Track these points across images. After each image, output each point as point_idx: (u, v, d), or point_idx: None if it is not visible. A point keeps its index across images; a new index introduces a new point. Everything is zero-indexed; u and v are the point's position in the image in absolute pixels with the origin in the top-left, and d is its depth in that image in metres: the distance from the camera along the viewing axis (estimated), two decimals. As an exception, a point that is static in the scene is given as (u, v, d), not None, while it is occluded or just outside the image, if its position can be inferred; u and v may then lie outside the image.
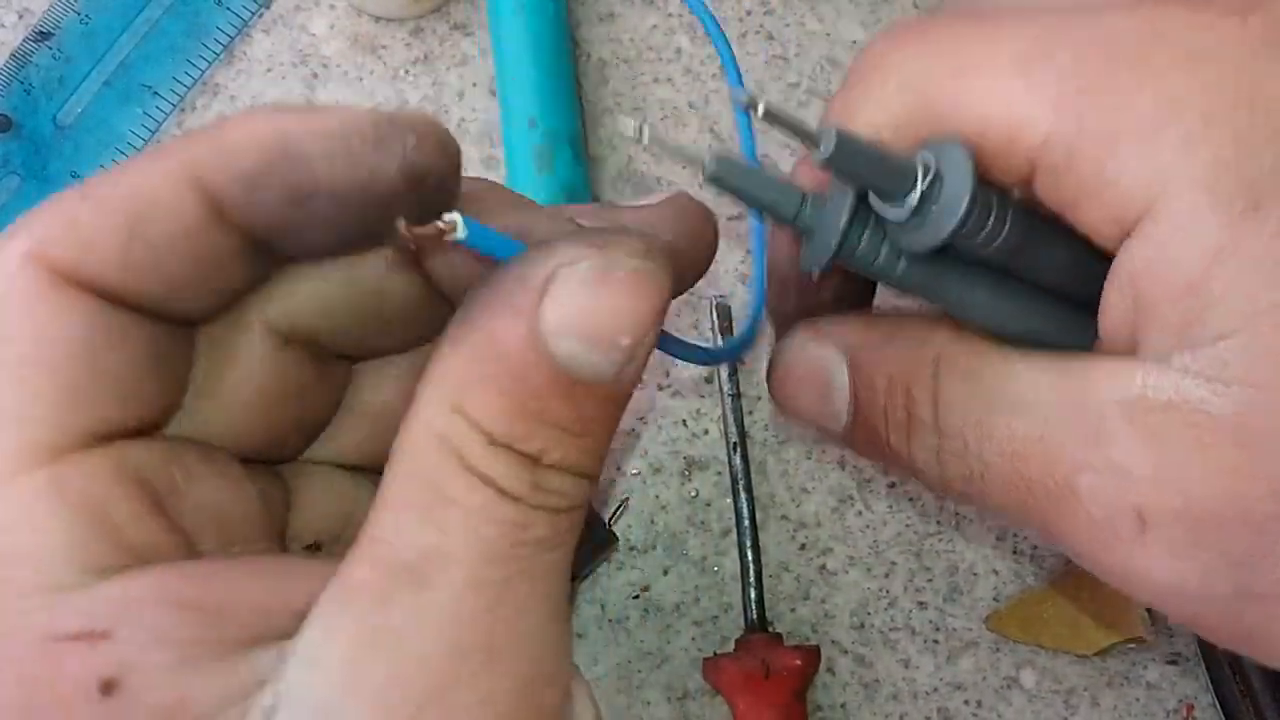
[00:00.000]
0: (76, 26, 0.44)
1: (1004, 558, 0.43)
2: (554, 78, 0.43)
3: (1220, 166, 0.21)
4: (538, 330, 0.19)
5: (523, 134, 0.42)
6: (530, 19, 0.42)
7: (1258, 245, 0.20)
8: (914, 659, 0.43)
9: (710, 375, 0.44)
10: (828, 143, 0.22)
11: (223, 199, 0.20)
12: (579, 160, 0.42)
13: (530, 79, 0.42)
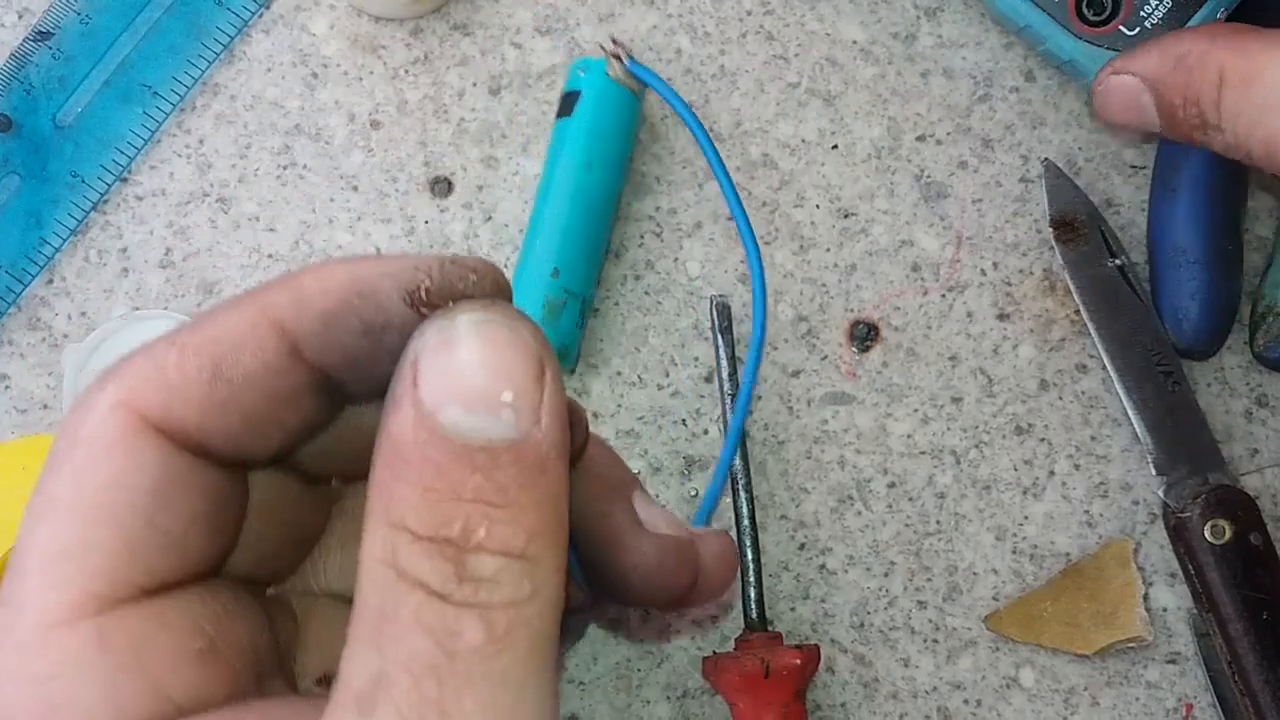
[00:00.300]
0: (76, 26, 0.44)
1: (1004, 557, 0.43)
2: (594, 247, 0.42)
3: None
4: (422, 411, 0.19)
5: (541, 278, 0.41)
6: (597, 180, 0.42)
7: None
8: (913, 658, 0.43)
9: (710, 375, 0.44)
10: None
11: (301, 338, 0.21)
12: (582, 323, 0.42)
13: (573, 236, 0.41)
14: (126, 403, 0.21)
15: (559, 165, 0.42)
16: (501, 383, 0.19)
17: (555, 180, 0.42)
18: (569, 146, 0.41)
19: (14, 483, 0.37)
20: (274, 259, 0.44)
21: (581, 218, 0.42)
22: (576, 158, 0.41)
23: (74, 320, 0.44)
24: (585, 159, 0.41)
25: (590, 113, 0.42)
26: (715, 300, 0.43)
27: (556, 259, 0.41)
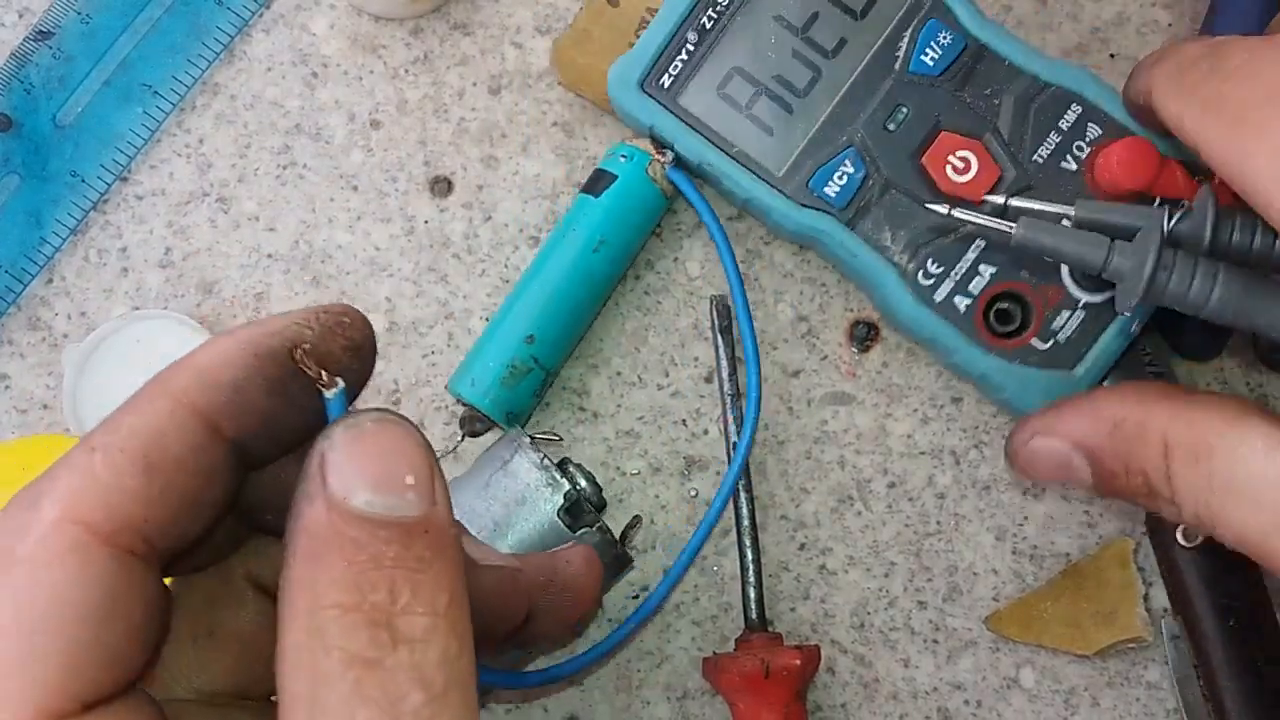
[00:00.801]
0: (76, 26, 0.44)
1: (1004, 558, 0.43)
2: (577, 326, 0.42)
3: None
4: (334, 499, 0.21)
5: (515, 339, 0.41)
6: (601, 263, 0.41)
7: None
8: (914, 659, 0.43)
9: (710, 375, 0.44)
10: (1019, 228, 0.27)
11: (217, 412, 0.22)
12: (540, 394, 0.42)
13: (560, 312, 0.41)
14: (67, 515, 0.21)
15: (568, 237, 0.41)
16: (404, 468, 0.21)
17: (560, 250, 0.41)
18: (585, 224, 0.41)
19: (14, 483, 0.37)
20: (274, 259, 0.44)
21: (574, 295, 0.41)
22: (589, 237, 0.41)
23: (74, 320, 0.44)
24: (597, 241, 0.41)
25: (617, 201, 0.41)
26: (715, 300, 0.43)
27: (535, 327, 0.41)
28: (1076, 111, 0.39)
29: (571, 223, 0.41)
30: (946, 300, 0.39)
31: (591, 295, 0.42)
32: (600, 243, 0.41)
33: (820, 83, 0.40)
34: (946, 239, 0.39)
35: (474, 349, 0.41)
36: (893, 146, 0.40)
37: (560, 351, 0.42)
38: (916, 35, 0.40)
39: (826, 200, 0.40)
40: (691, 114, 0.40)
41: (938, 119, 0.39)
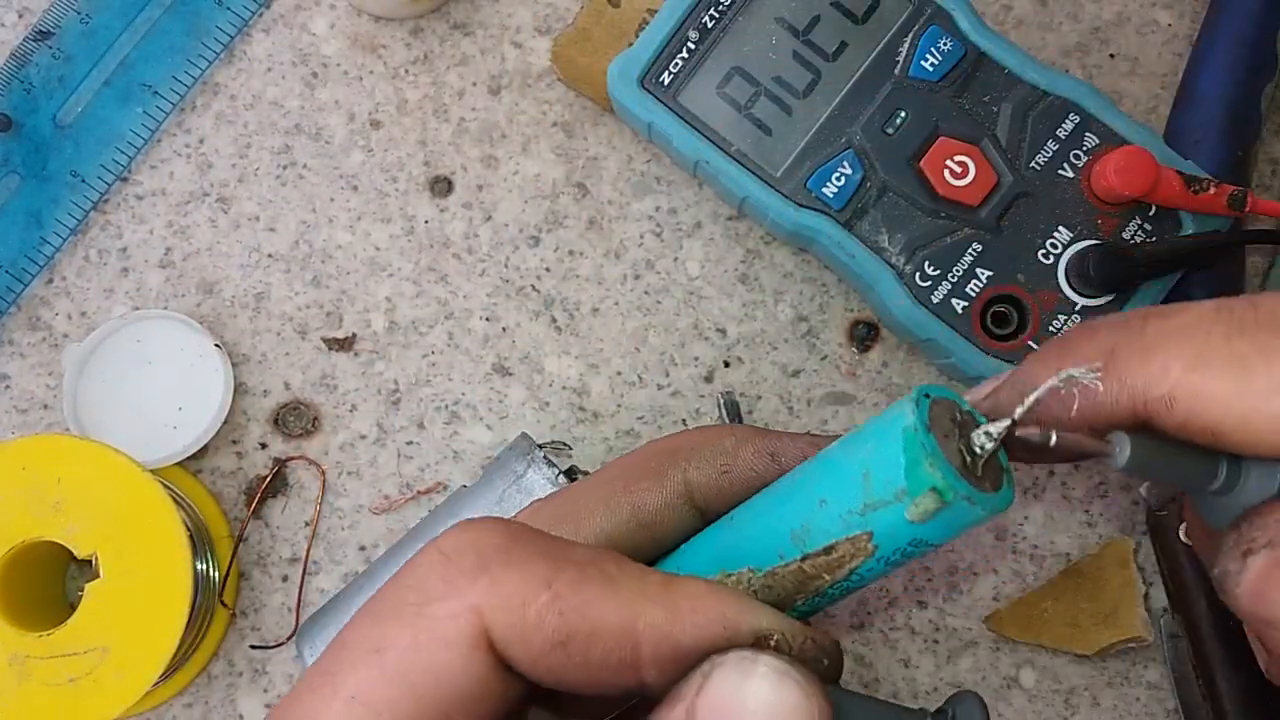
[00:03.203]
0: (76, 26, 0.44)
1: (1004, 558, 0.43)
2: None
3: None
4: (694, 717, 0.20)
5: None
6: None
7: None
8: (914, 658, 0.43)
9: (710, 374, 0.44)
10: (1122, 450, 0.22)
11: (654, 658, 0.22)
12: None
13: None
14: (482, 612, 0.21)
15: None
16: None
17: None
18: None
19: (14, 483, 0.37)
20: (274, 259, 0.44)
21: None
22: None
23: (74, 320, 0.44)
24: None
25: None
26: (724, 397, 0.43)
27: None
28: (1074, 121, 0.39)
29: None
30: (944, 302, 0.39)
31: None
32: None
33: (820, 85, 0.40)
34: (944, 241, 0.39)
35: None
36: (891, 150, 0.40)
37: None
38: (917, 41, 0.40)
39: (824, 201, 0.40)
40: (691, 112, 0.40)
41: (936, 124, 0.40)
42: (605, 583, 0.22)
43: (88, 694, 0.36)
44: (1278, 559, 0.22)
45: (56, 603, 0.41)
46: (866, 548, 0.23)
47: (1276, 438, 0.22)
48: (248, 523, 0.43)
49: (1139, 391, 0.23)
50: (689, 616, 0.22)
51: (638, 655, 0.22)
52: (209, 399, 0.42)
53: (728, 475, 0.27)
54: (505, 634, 0.22)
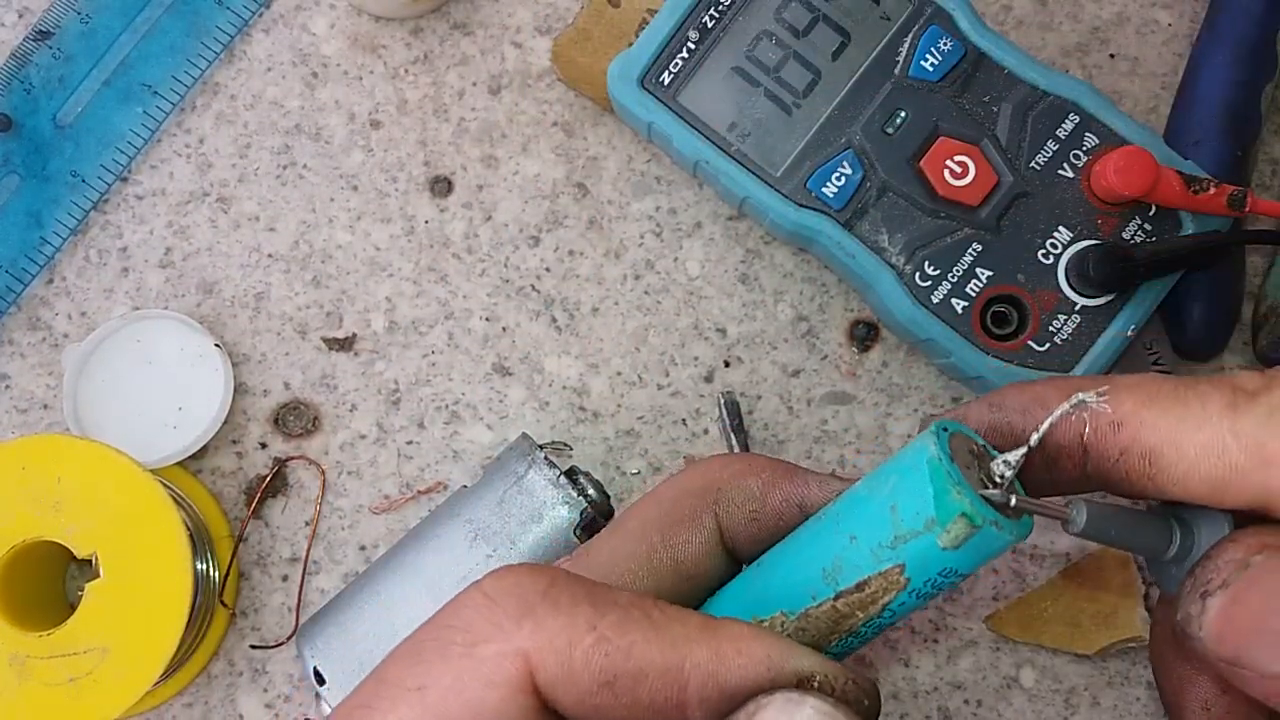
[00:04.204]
0: (76, 26, 0.44)
1: (1004, 558, 0.43)
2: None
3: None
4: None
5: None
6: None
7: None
8: (914, 658, 0.43)
9: (710, 374, 0.44)
10: (1078, 517, 0.24)
11: (700, 699, 0.22)
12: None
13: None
14: (528, 655, 0.22)
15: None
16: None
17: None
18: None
19: (14, 483, 0.37)
20: (274, 259, 0.44)
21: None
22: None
23: (74, 320, 0.44)
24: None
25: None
26: (724, 397, 0.43)
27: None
28: (1074, 121, 0.39)
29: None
30: (944, 302, 0.39)
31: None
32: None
33: (820, 85, 0.40)
34: (944, 241, 0.39)
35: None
36: (891, 149, 0.40)
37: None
38: (917, 41, 0.40)
39: (824, 201, 0.40)
40: (691, 112, 0.40)
41: (936, 124, 0.40)
42: (650, 625, 0.22)
43: (88, 694, 0.36)
44: (1234, 596, 0.23)
45: (56, 603, 0.41)
46: (899, 580, 0.23)
47: (1203, 462, 0.23)
48: (248, 523, 0.43)
49: (1094, 418, 0.25)
50: (734, 658, 0.22)
51: (684, 696, 0.22)
52: (209, 399, 0.42)
53: (756, 522, 0.27)
54: (552, 675, 0.22)
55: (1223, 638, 0.23)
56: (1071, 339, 0.39)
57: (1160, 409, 0.24)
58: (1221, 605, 0.23)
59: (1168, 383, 0.25)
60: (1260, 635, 0.23)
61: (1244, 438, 0.23)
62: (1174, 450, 0.24)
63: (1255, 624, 0.23)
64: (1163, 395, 0.24)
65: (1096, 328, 0.39)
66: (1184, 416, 0.24)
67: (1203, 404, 0.24)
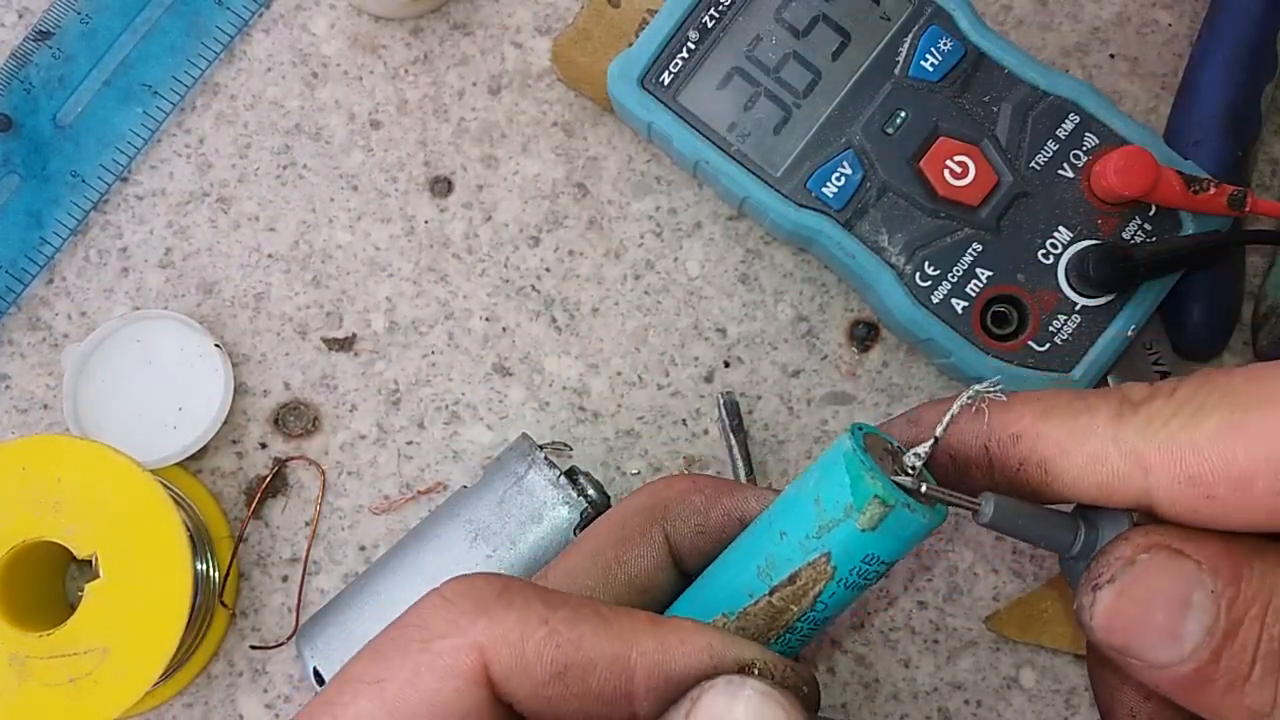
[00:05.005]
0: (76, 26, 0.44)
1: (1004, 558, 0.43)
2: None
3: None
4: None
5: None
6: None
7: None
8: (914, 659, 0.43)
9: (710, 375, 0.44)
10: (987, 507, 0.25)
11: (644, 691, 0.24)
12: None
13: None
14: (483, 649, 0.23)
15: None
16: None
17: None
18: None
19: (14, 483, 0.37)
20: (274, 259, 0.44)
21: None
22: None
23: (74, 320, 0.44)
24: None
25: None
26: (724, 398, 0.43)
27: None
28: (1074, 121, 0.39)
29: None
30: (944, 302, 0.39)
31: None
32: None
33: (820, 85, 0.40)
34: (944, 241, 0.39)
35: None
36: (891, 150, 0.40)
37: None
38: (917, 41, 0.40)
39: (824, 201, 0.40)
40: (691, 112, 0.40)
41: (936, 124, 0.40)
42: (599, 619, 0.24)
43: (88, 694, 0.36)
44: (1120, 590, 0.24)
45: (56, 603, 0.41)
46: (826, 570, 0.25)
47: (1090, 471, 0.25)
48: (248, 523, 0.43)
49: (996, 429, 0.26)
50: (678, 647, 0.24)
51: (631, 685, 0.24)
52: (209, 399, 0.42)
53: (702, 535, 0.29)
54: (506, 667, 0.23)
55: (1111, 629, 0.25)
56: (1071, 339, 0.39)
57: (1054, 421, 0.26)
58: (1109, 598, 0.25)
59: (1064, 395, 0.26)
60: (1144, 628, 0.24)
61: (1124, 446, 0.24)
62: (1065, 460, 0.25)
63: (1139, 617, 0.24)
64: (1058, 408, 0.26)
65: (1096, 328, 0.39)
66: (1073, 429, 0.25)
67: (1091, 416, 0.25)
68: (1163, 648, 0.24)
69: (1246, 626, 0.24)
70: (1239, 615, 0.24)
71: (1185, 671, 0.24)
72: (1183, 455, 0.24)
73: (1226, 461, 0.23)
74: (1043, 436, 0.26)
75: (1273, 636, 0.24)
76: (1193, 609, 0.24)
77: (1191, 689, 0.24)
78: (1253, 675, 0.24)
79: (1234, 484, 0.23)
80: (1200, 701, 0.24)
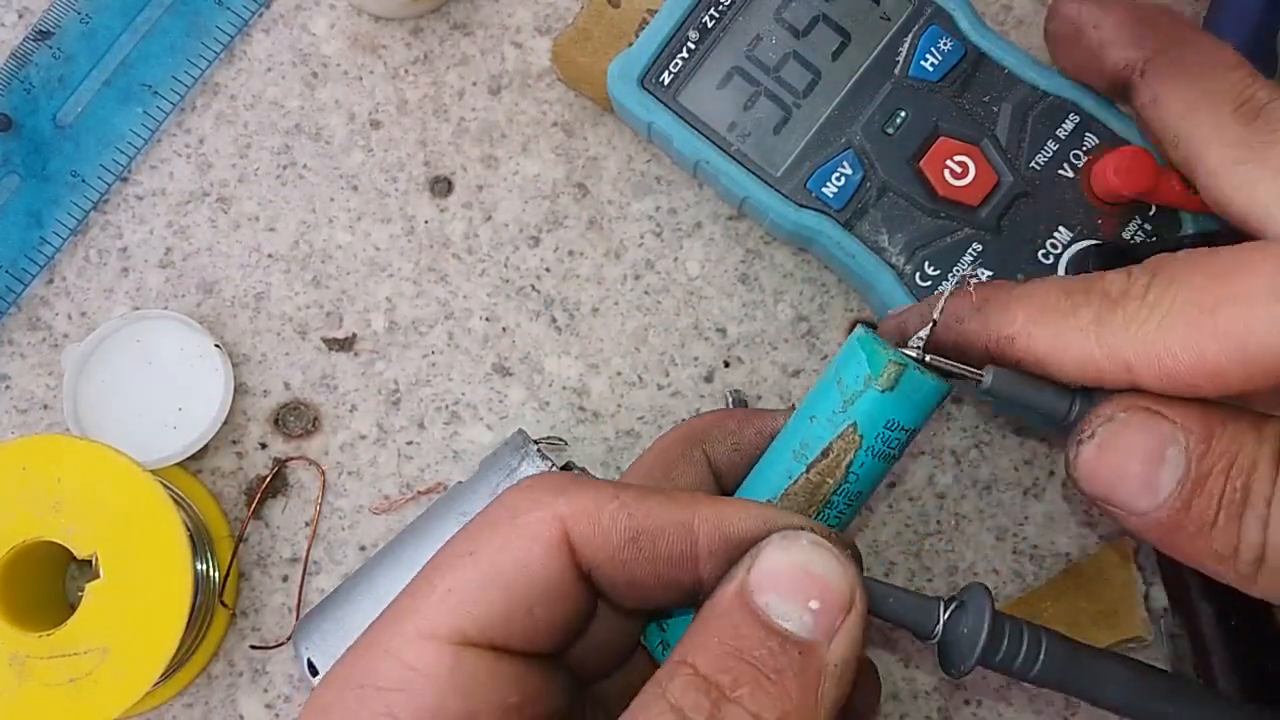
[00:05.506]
0: (76, 26, 0.44)
1: (1004, 558, 0.43)
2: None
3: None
4: (746, 587, 0.25)
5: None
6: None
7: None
8: (914, 659, 0.43)
9: (710, 374, 0.44)
10: (988, 376, 0.28)
11: (708, 556, 0.26)
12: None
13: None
14: (564, 519, 0.26)
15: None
16: (812, 591, 0.25)
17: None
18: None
19: (14, 483, 0.37)
20: (274, 259, 0.44)
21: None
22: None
23: (74, 320, 0.44)
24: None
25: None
26: (733, 395, 0.43)
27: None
28: (1074, 121, 0.39)
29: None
30: None
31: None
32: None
33: (820, 85, 0.40)
34: (944, 241, 0.39)
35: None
36: (891, 150, 0.40)
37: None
38: (917, 41, 0.40)
39: (824, 200, 0.40)
40: (691, 112, 0.40)
41: (936, 124, 0.40)
42: (663, 494, 0.27)
43: (88, 694, 0.36)
44: (1100, 443, 0.27)
45: (56, 603, 0.41)
46: (854, 439, 0.28)
47: (1079, 370, 0.27)
48: (248, 523, 0.43)
49: (994, 330, 0.29)
50: (736, 514, 0.26)
51: (696, 548, 0.26)
52: (209, 399, 0.42)
53: (737, 451, 0.33)
54: (585, 533, 0.26)
55: (1093, 478, 0.28)
56: None
57: (1044, 323, 0.28)
58: (1090, 450, 0.28)
59: (1053, 293, 0.28)
60: (1123, 478, 0.27)
61: (1106, 348, 0.27)
62: (1056, 360, 0.28)
63: (1118, 467, 0.27)
64: (1048, 308, 0.28)
65: None
66: (1060, 331, 0.28)
67: (1076, 317, 0.27)
68: (1140, 496, 0.27)
69: (1213, 479, 0.26)
70: (1207, 469, 0.26)
71: (1160, 518, 0.27)
72: (1159, 358, 0.26)
73: (1198, 358, 0.25)
74: (1035, 338, 0.28)
75: (1235, 488, 0.26)
76: (1167, 463, 0.27)
77: (1166, 534, 0.27)
78: (1218, 522, 0.27)
79: (1208, 377, 0.26)
80: (1174, 546, 0.27)
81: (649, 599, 0.27)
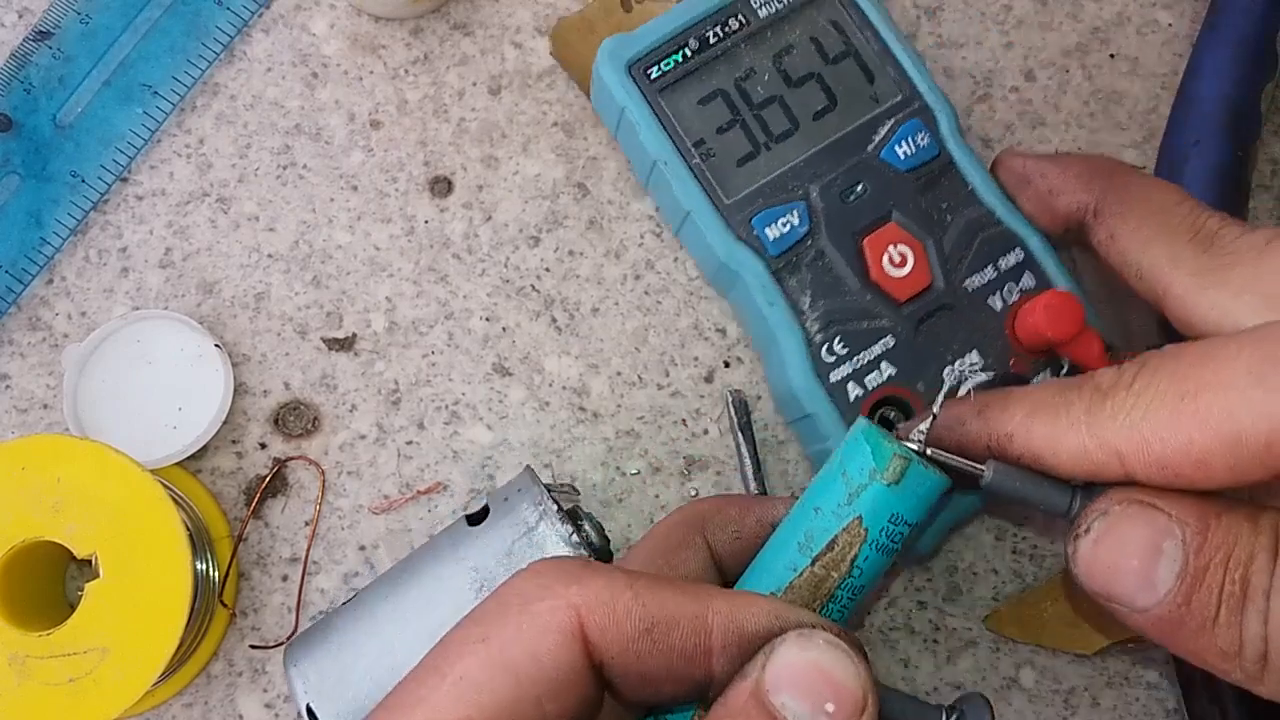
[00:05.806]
0: (76, 26, 0.44)
1: (1003, 558, 0.43)
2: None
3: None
4: (761, 686, 0.25)
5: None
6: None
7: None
8: (914, 659, 0.43)
9: (710, 375, 0.44)
10: (989, 471, 0.29)
11: (723, 650, 0.26)
12: None
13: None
14: (579, 609, 0.26)
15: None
16: (828, 693, 0.25)
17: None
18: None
19: (14, 483, 0.37)
20: (274, 259, 0.44)
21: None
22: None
23: (74, 320, 0.44)
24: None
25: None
26: (733, 396, 0.43)
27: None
28: (1019, 257, 0.40)
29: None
30: (840, 383, 0.39)
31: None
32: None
33: (794, 136, 0.40)
34: (861, 324, 0.39)
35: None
36: (842, 216, 0.40)
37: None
38: (897, 128, 0.40)
39: (763, 242, 0.39)
40: (666, 113, 0.40)
41: (891, 208, 0.40)
42: (676, 586, 0.26)
43: (88, 694, 0.36)
44: (1096, 538, 0.27)
45: (56, 603, 0.41)
46: (859, 532, 0.28)
47: (1074, 463, 0.27)
48: (248, 523, 0.43)
49: (994, 429, 0.29)
50: (748, 609, 0.26)
51: (709, 642, 0.26)
52: (209, 399, 0.42)
53: (738, 540, 0.33)
54: (600, 624, 0.25)
55: (1091, 574, 0.28)
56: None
57: (1040, 419, 0.28)
58: (1086, 546, 0.28)
59: (1048, 391, 0.29)
60: (1121, 573, 0.27)
61: (1099, 439, 0.27)
62: (1052, 454, 0.28)
63: (1116, 563, 0.27)
64: (1043, 405, 0.28)
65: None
66: (1055, 425, 0.28)
67: (1069, 411, 0.28)
68: (1140, 592, 0.27)
69: (1211, 572, 0.26)
70: (1204, 561, 0.26)
71: (1161, 614, 0.27)
72: (1147, 444, 0.26)
73: (1185, 445, 0.25)
74: (1032, 434, 0.28)
75: (1234, 580, 0.26)
76: (1164, 556, 0.26)
77: (1171, 631, 0.27)
78: (1219, 617, 0.26)
79: (1195, 464, 0.25)
80: (1180, 644, 0.27)
81: (658, 692, 0.27)
